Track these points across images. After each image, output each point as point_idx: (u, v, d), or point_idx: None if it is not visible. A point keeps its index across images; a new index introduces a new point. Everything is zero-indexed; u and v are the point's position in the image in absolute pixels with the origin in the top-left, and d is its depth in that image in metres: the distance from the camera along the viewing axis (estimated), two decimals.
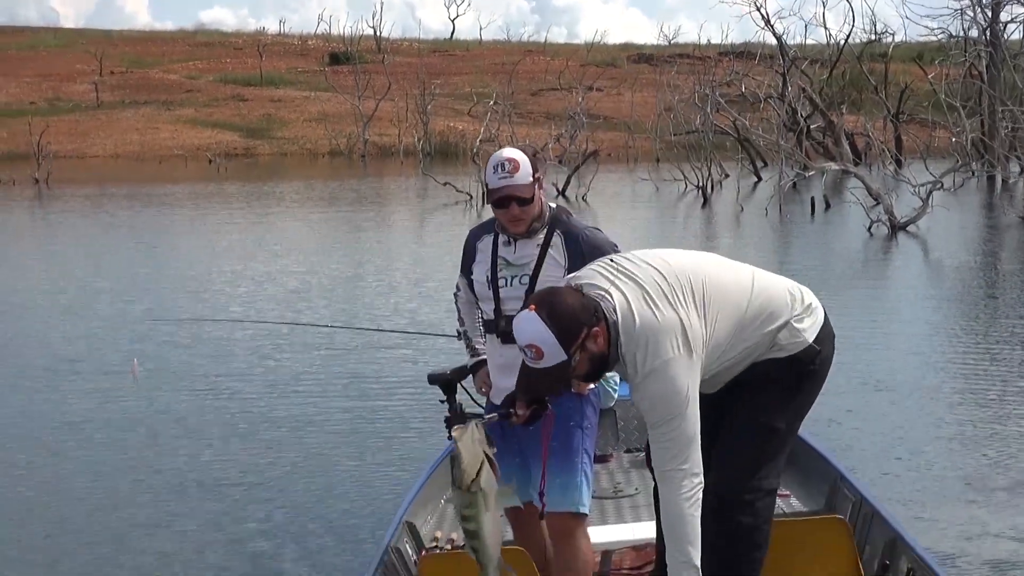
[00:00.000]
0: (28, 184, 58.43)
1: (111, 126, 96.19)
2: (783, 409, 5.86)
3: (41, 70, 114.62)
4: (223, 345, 17.66)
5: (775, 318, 5.78)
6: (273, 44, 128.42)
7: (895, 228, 31.12)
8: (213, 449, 12.51)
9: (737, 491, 5.77)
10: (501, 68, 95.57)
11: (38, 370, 16.53)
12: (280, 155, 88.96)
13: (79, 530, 10.19)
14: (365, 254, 29.83)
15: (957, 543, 9.14)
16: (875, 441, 12.14)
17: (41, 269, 27.90)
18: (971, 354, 16.56)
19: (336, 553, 9.34)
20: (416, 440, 12.20)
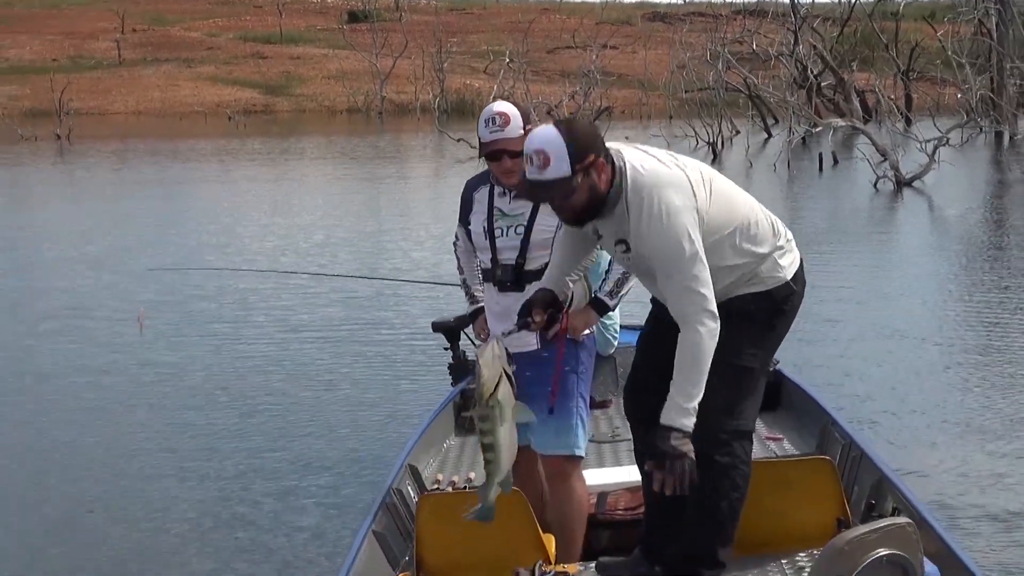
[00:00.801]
0: (51, 140, 58.42)
1: (133, 83, 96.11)
2: (756, 348, 5.80)
3: (64, 28, 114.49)
4: (238, 295, 17.77)
5: (762, 241, 5.74)
6: (293, 2, 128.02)
7: (900, 184, 31.10)
8: (223, 393, 12.70)
9: (715, 431, 5.71)
10: (517, 26, 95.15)
11: (51, 318, 16.73)
12: (299, 112, 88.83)
13: (82, 472, 10.37)
14: (382, 207, 29.95)
15: (946, 484, 9.25)
16: (877, 386, 12.28)
17: (58, 221, 27.96)
18: (973, 305, 16.65)
19: (341, 494, 9.48)
20: (420, 385, 12.32)
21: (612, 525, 7.10)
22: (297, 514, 9.18)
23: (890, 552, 5.28)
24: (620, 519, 7.11)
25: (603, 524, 7.08)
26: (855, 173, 35.05)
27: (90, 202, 33.22)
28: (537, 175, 5.45)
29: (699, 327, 5.41)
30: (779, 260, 5.80)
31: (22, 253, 23.16)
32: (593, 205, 5.56)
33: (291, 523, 9.04)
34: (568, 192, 5.47)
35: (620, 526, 7.06)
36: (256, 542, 8.81)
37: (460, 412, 9.08)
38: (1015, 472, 9.50)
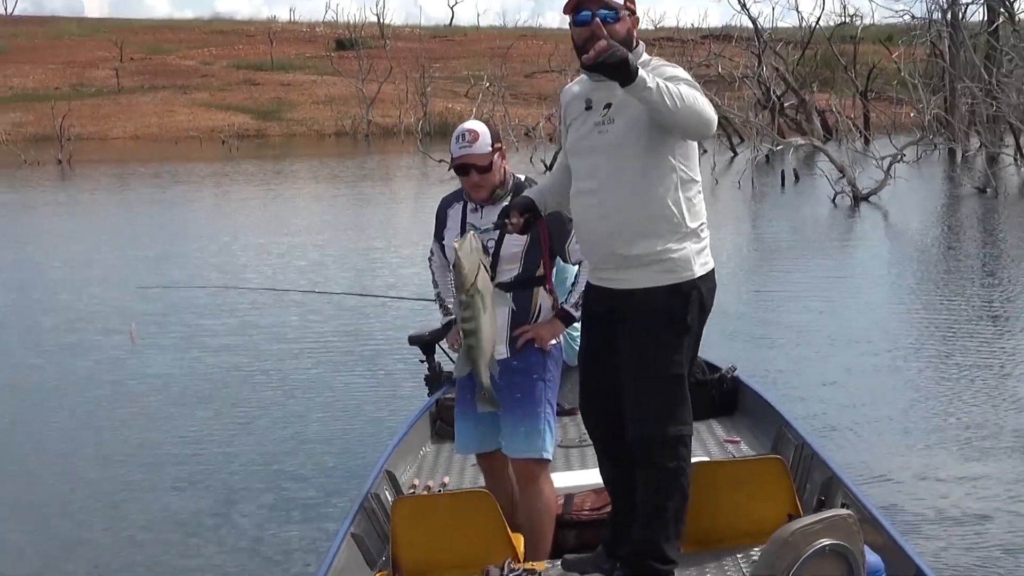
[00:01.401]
0: (52, 164, 58.36)
1: (131, 110, 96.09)
2: (678, 354, 5.85)
3: (65, 57, 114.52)
4: (227, 310, 17.76)
5: (696, 208, 5.90)
6: (283, 31, 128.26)
7: (857, 198, 31.24)
8: (209, 402, 12.73)
9: (657, 436, 5.82)
10: (496, 52, 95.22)
11: (48, 332, 16.80)
12: (289, 136, 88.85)
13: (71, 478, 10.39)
14: (367, 225, 29.93)
15: (894, 481, 9.36)
16: (833, 389, 12.39)
17: (58, 240, 27.96)
18: (925, 312, 16.76)
19: (322, 498, 9.50)
20: (398, 396, 12.35)
21: (578, 525, 7.14)
22: (280, 517, 9.21)
23: (832, 542, 5.38)
24: (586, 519, 7.15)
25: (570, 524, 7.12)
26: (815, 189, 35.18)
27: (89, 222, 33.24)
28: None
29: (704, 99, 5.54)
30: (695, 254, 5.88)
31: (23, 270, 23.16)
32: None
33: (273, 525, 9.07)
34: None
35: (586, 526, 7.10)
36: (239, 542, 8.84)
37: (435, 421, 9.15)
38: (959, 470, 9.60)
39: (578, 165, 6.04)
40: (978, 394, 11.92)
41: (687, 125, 5.51)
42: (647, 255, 5.79)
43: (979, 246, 24.05)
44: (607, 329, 5.99)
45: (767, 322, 16.22)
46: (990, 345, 14.28)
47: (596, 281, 6.05)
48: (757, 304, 17.65)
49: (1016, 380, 12.52)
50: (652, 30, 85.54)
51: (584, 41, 5.75)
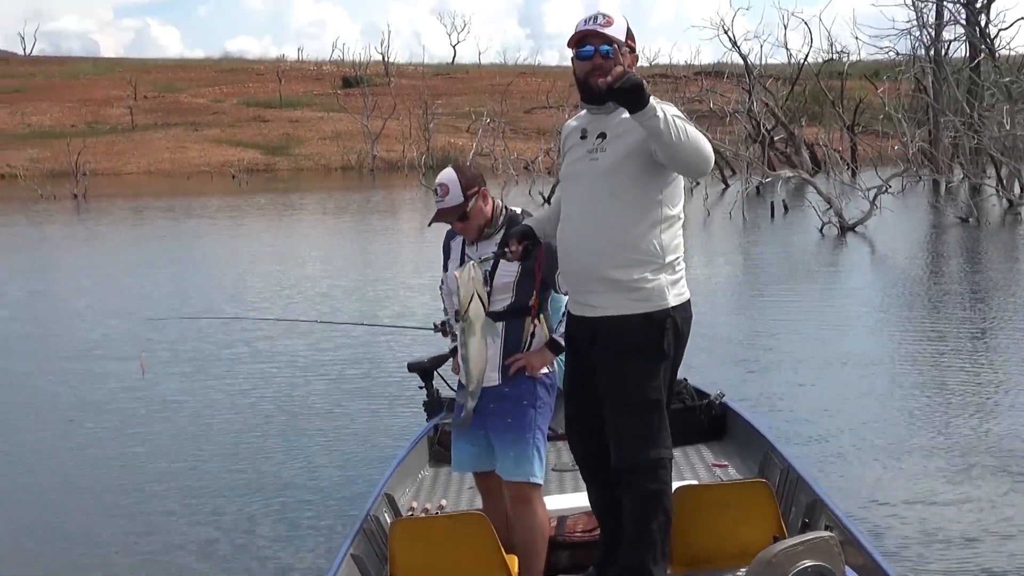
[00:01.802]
0: (68, 199, 58.44)
1: (144, 146, 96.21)
2: (655, 380, 5.89)
3: (81, 96, 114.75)
4: (236, 339, 17.73)
5: (673, 243, 5.95)
6: (291, 70, 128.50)
7: (844, 228, 31.29)
8: (215, 428, 12.72)
9: (640, 461, 5.86)
10: (497, 88, 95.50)
11: (58, 361, 16.81)
12: (297, 170, 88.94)
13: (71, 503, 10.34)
14: (371, 257, 29.97)
15: (878, 504, 9.31)
16: (820, 413, 12.32)
17: (72, 272, 27.96)
18: (909, 338, 16.69)
19: (324, 520, 9.46)
20: (398, 421, 12.32)
21: (571, 546, 7.13)
22: (282, 538, 9.17)
23: (814, 563, 5.39)
24: (578, 540, 7.14)
25: (563, 545, 7.10)
26: (804, 220, 35.21)
27: (103, 254, 33.26)
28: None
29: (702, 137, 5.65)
30: (670, 284, 5.92)
31: (39, 300, 23.16)
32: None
33: (275, 546, 9.04)
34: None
35: (578, 547, 7.09)
36: (241, 562, 8.81)
37: (434, 445, 9.16)
38: (944, 494, 9.56)
39: (567, 190, 6.14)
40: (963, 418, 11.89)
41: (687, 159, 5.58)
42: (623, 282, 5.83)
43: (962, 274, 24.06)
44: (587, 356, 6.05)
45: (756, 348, 16.21)
46: (974, 370, 14.26)
47: (574, 309, 6.11)
48: (747, 331, 17.65)
49: (1000, 405, 12.50)
50: (647, 67, 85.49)
51: (586, 74, 5.93)
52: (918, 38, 56.18)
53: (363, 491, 9.41)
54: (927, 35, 55.74)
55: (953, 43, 56.92)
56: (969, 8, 52.91)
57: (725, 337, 16.68)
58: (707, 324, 17.45)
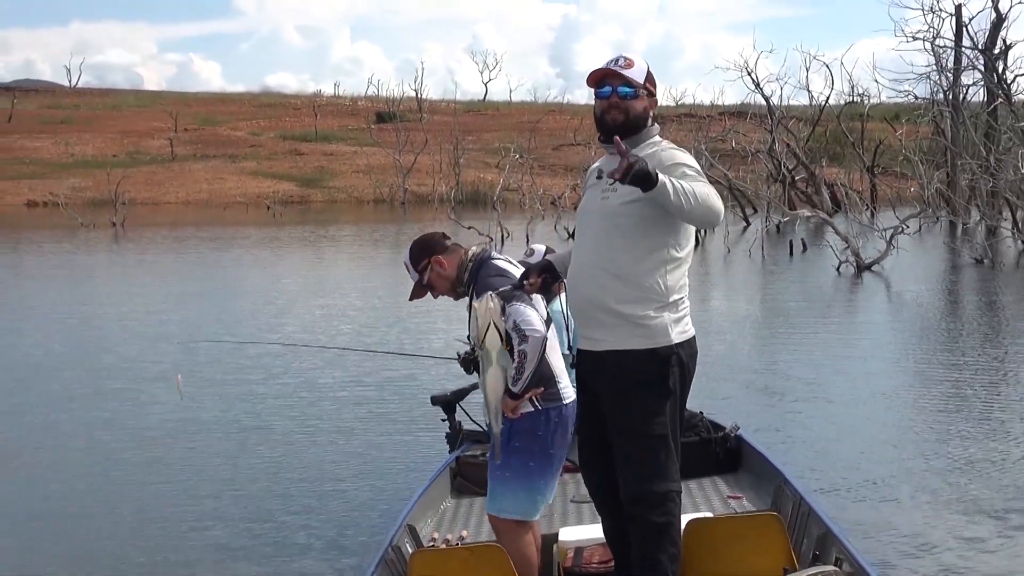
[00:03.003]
0: (107, 227, 58.65)
1: (183, 177, 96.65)
2: (660, 415, 5.92)
3: (123, 127, 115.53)
4: (266, 366, 17.75)
5: (679, 283, 5.99)
6: (327, 105, 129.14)
7: (861, 268, 31.16)
8: (237, 453, 12.69)
9: (646, 494, 5.89)
10: (526, 125, 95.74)
11: (96, 381, 16.88)
12: (331, 202, 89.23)
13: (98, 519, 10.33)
14: (401, 288, 29.97)
15: (890, 538, 9.22)
16: (834, 447, 12.26)
17: (109, 297, 28.01)
18: (924, 374, 16.62)
19: (347, 550, 9.39)
20: (421, 452, 12.26)
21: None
22: (304, 567, 9.12)
23: None
24: (594, 571, 7.12)
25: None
26: (822, 258, 35.11)
27: (139, 280, 33.37)
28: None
29: (710, 188, 5.72)
30: (673, 322, 5.95)
31: (79, 325, 23.21)
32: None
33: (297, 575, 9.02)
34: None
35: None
36: None
37: (456, 476, 9.15)
38: (956, 531, 9.45)
39: (579, 227, 6.26)
40: (978, 457, 11.75)
41: (696, 219, 5.76)
42: (627, 316, 5.89)
43: (977, 313, 23.97)
44: (594, 389, 6.11)
45: (773, 382, 16.16)
46: (989, 409, 14.15)
47: (581, 343, 6.15)
48: (764, 365, 17.61)
49: (1015, 444, 12.37)
50: (673, 106, 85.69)
51: (603, 111, 6.04)
52: (937, 83, 56.14)
53: (385, 521, 9.40)
54: (946, 80, 55.67)
55: (971, 88, 56.84)
56: (987, 55, 52.81)
57: (742, 371, 16.65)
58: (725, 358, 17.43)
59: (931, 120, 57.00)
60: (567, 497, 8.65)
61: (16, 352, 20.03)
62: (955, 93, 55.32)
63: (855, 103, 71.05)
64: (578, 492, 8.74)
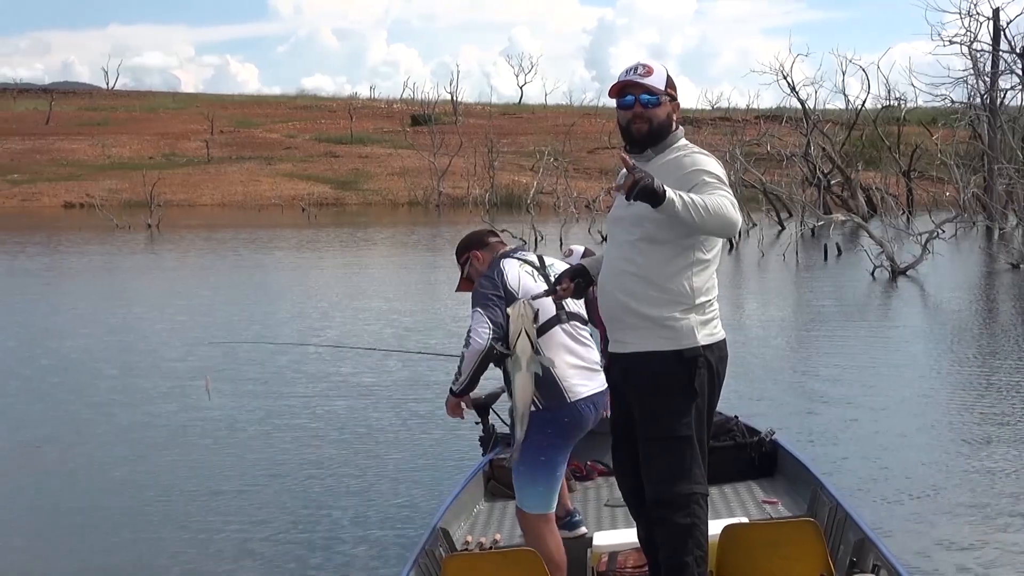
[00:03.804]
0: (142, 229, 58.83)
1: (218, 179, 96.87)
2: (686, 416, 5.90)
3: (160, 129, 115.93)
4: (298, 367, 17.78)
5: (707, 284, 5.98)
6: (363, 107, 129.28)
7: (895, 272, 30.98)
8: (268, 457, 12.69)
9: (670, 496, 5.88)
10: (561, 129, 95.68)
11: (130, 379, 16.97)
12: (365, 204, 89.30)
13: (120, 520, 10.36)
14: (435, 288, 29.97)
15: (928, 544, 9.15)
16: (869, 453, 12.15)
17: (141, 298, 28.11)
18: (959, 379, 16.53)
19: (375, 554, 9.39)
20: (454, 455, 12.26)
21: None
22: (336, 570, 9.11)
23: None
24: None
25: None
26: (857, 263, 34.90)
27: (173, 280, 33.55)
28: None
29: (726, 197, 5.69)
30: (699, 324, 5.94)
31: (112, 324, 23.26)
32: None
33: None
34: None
35: None
36: None
37: (489, 479, 9.11)
38: (995, 540, 9.35)
39: (609, 232, 6.32)
40: (1018, 464, 11.64)
41: (710, 230, 5.74)
42: (652, 318, 5.91)
43: (1013, 318, 23.86)
44: (623, 393, 6.14)
45: (807, 387, 16.08)
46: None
47: (612, 347, 6.16)
48: (798, 370, 17.52)
49: None
50: (709, 110, 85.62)
51: (628, 122, 6.09)
52: (974, 86, 55.90)
53: (418, 524, 9.42)
54: (983, 84, 55.42)
55: (1008, 92, 56.65)
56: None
57: (777, 375, 16.58)
58: (759, 363, 17.37)
59: (968, 124, 56.79)
60: (601, 501, 8.61)
61: (52, 353, 20.10)
62: (992, 97, 55.10)
63: (892, 107, 70.83)
64: (612, 496, 8.72)
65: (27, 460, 12.92)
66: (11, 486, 11.86)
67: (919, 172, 67.05)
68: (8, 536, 10.22)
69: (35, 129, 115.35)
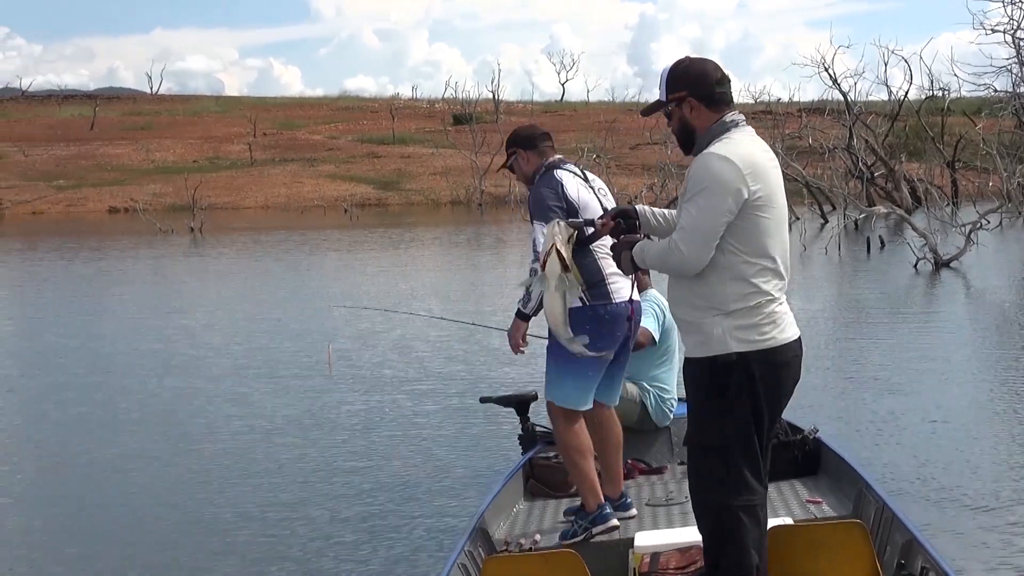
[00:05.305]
0: (185, 232, 59.05)
1: (262, 181, 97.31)
2: (717, 422, 5.84)
3: (203, 133, 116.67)
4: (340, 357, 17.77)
5: (736, 277, 5.80)
6: (405, 108, 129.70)
7: (939, 264, 30.67)
8: (308, 451, 12.77)
9: (699, 504, 5.96)
10: (603, 125, 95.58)
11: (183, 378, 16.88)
12: (408, 204, 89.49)
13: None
14: (481, 277, 29.95)
15: (978, 547, 8.99)
16: (915, 450, 11.97)
17: (191, 298, 28.12)
18: (1005, 374, 16.27)
19: (413, 553, 9.32)
20: (493, 454, 12.20)
21: None
22: (375, 568, 9.06)
23: None
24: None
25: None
26: (900, 255, 34.59)
27: (217, 283, 33.66)
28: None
29: (678, 244, 5.73)
30: (733, 330, 5.80)
31: (158, 323, 23.30)
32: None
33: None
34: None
35: None
36: None
37: (528, 479, 9.01)
38: None
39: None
40: None
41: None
42: (688, 323, 5.90)
43: None
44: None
45: (850, 383, 15.90)
46: None
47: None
48: (841, 365, 17.29)
49: None
50: (752, 104, 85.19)
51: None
52: (1018, 75, 55.47)
53: (457, 523, 9.40)
54: (1022, 71, 54.98)
55: None
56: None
57: (819, 371, 16.36)
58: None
59: (1012, 113, 56.36)
60: (642, 501, 8.50)
61: (100, 355, 20.23)
62: None
63: (935, 98, 70.42)
64: (653, 495, 8.63)
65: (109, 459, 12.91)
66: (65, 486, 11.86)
67: (963, 163, 66.58)
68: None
69: (80, 135, 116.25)
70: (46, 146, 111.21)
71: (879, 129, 66.91)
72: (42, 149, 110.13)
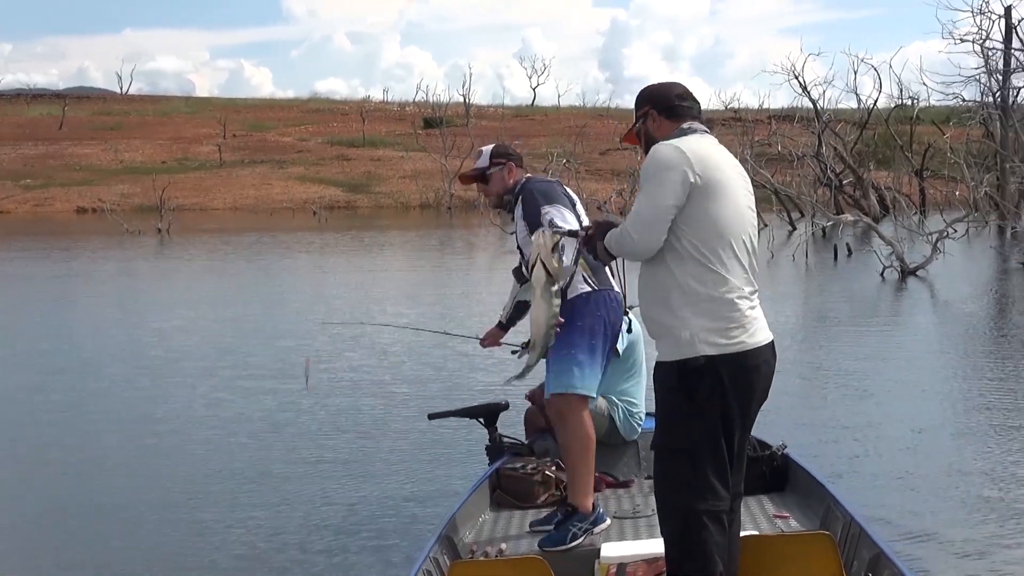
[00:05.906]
0: (152, 234, 58.87)
1: (230, 182, 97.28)
2: (678, 427, 5.82)
3: (173, 134, 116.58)
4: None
5: (692, 272, 5.80)
6: (376, 110, 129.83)
7: (905, 272, 30.84)
8: (271, 456, 12.62)
9: (662, 506, 5.91)
10: (573, 130, 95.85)
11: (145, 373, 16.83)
12: (377, 207, 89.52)
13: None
14: (451, 285, 29.91)
15: (944, 559, 8.97)
16: (878, 462, 11.97)
17: (153, 299, 28.06)
18: (971, 382, 16.33)
19: (378, 560, 9.25)
20: (460, 464, 12.07)
21: None
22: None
23: None
24: None
25: None
26: (867, 263, 34.70)
27: (181, 285, 33.54)
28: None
29: (628, 230, 5.85)
30: (703, 332, 5.77)
31: (128, 322, 23.22)
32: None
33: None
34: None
35: None
36: None
37: (495, 489, 9.00)
38: (1014, 551, 9.17)
39: None
40: None
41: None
42: (659, 324, 5.88)
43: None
44: None
45: (817, 394, 15.89)
46: None
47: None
48: (807, 375, 17.22)
49: None
50: (721, 110, 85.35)
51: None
52: (986, 85, 55.76)
53: (423, 531, 9.31)
54: (995, 82, 55.27)
55: (1021, 90, 56.49)
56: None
57: (786, 381, 16.31)
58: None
59: (980, 123, 56.69)
60: (609, 513, 8.47)
61: (70, 356, 20.04)
62: (1004, 95, 55.01)
63: (904, 106, 70.74)
64: (620, 508, 8.60)
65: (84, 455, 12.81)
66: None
67: (931, 171, 66.94)
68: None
69: (48, 134, 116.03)
70: (14, 145, 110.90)
71: (848, 137, 67.25)
72: (10, 148, 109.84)
